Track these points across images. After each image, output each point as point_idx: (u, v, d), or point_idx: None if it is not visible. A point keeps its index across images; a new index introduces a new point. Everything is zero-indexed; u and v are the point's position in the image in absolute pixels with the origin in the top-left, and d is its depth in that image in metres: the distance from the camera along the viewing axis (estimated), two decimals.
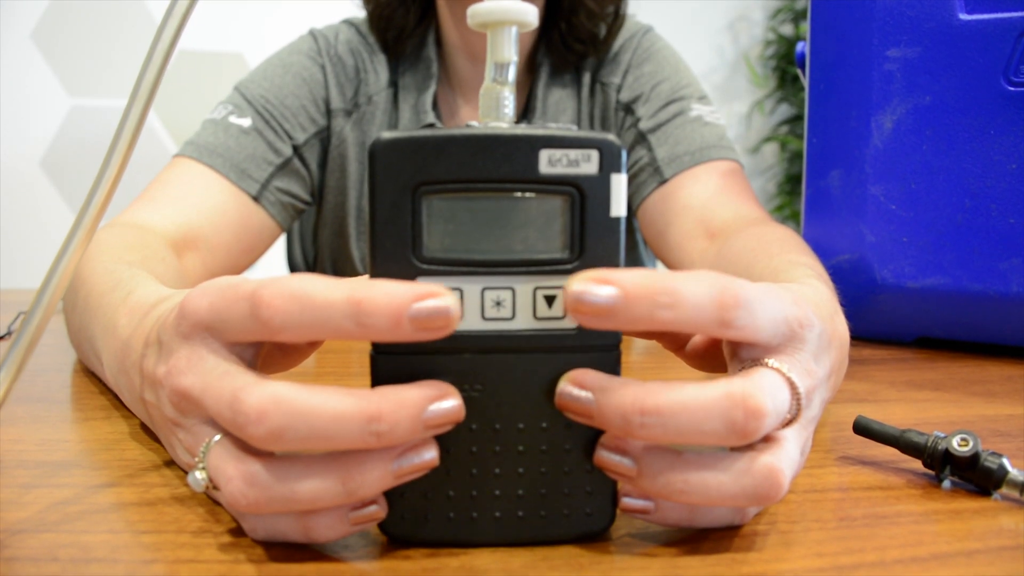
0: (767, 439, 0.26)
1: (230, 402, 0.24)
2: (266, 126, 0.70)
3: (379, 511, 0.25)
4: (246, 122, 0.69)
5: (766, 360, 0.27)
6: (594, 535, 0.27)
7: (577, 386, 0.25)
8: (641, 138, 0.74)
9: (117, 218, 0.60)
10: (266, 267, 1.26)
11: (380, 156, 0.24)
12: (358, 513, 0.25)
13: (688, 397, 0.24)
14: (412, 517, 0.26)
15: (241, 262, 0.69)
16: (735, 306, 0.24)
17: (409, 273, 0.25)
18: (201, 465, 0.26)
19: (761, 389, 0.25)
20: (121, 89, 1.75)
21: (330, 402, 0.23)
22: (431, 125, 0.73)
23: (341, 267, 0.83)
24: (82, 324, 0.44)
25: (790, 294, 0.28)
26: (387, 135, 0.24)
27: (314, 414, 0.23)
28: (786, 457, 0.26)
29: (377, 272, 0.25)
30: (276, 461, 0.24)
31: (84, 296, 0.43)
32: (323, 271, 0.85)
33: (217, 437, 0.26)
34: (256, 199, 0.68)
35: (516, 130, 0.25)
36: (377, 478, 0.24)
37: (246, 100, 0.71)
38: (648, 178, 0.72)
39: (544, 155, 0.24)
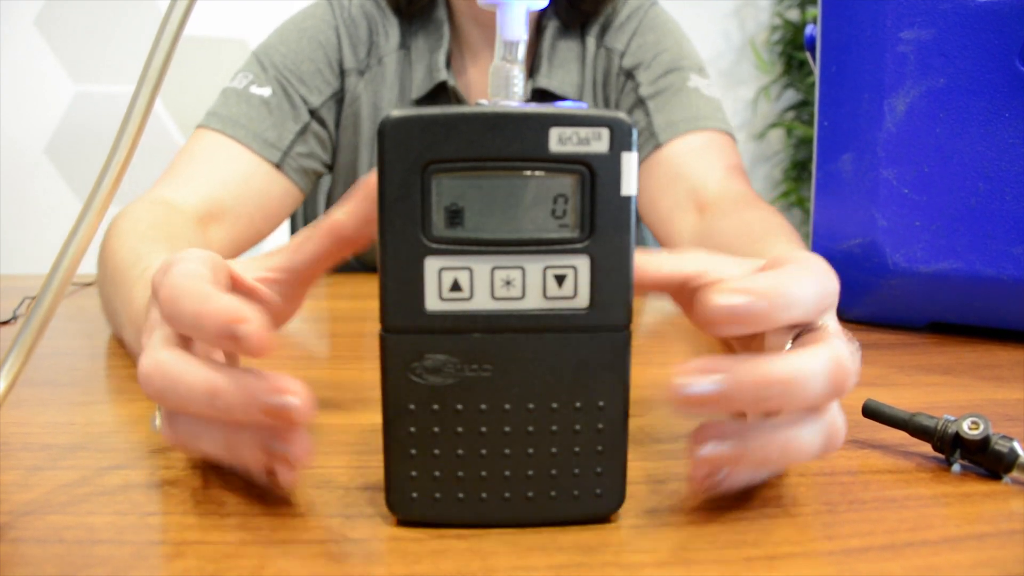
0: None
1: (140, 366, 0.27)
2: (284, 94, 0.72)
3: (296, 456, 0.26)
4: (267, 92, 0.72)
5: (820, 323, 0.28)
6: (604, 516, 0.27)
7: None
8: (639, 103, 0.76)
9: (146, 194, 0.63)
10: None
11: (389, 134, 0.24)
12: (276, 447, 0.26)
13: (795, 365, 0.25)
14: (421, 498, 0.26)
15: (263, 229, 0.72)
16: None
17: (417, 254, 0.25)
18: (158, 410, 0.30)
19: (845, 351, 0.26)
20: (125, 75, 1.74)
21: (190, 374, 0.25)
22: (444, 83, 0.75)
23: None
24: (108, 298, 0.48)
25: (823, 265, 0.30)
26: (396, 113, 0.24)
27: (179, 382, 0.25)
28: (840, 412, 0.28)
29: (386, 252, 0.25)
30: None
31: (111, 271, 0.47)
32: None
33: None
34: (278, 166, 0.71)
35: (526, 108, 0.24)
36: (249, 450, 0.26)
37: (264, 68, 0.73)
38: (643, 142, 0.74)
39: (554, 133, 0.24)
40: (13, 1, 1.68)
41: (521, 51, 0.27)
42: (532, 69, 0.78)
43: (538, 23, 0.78)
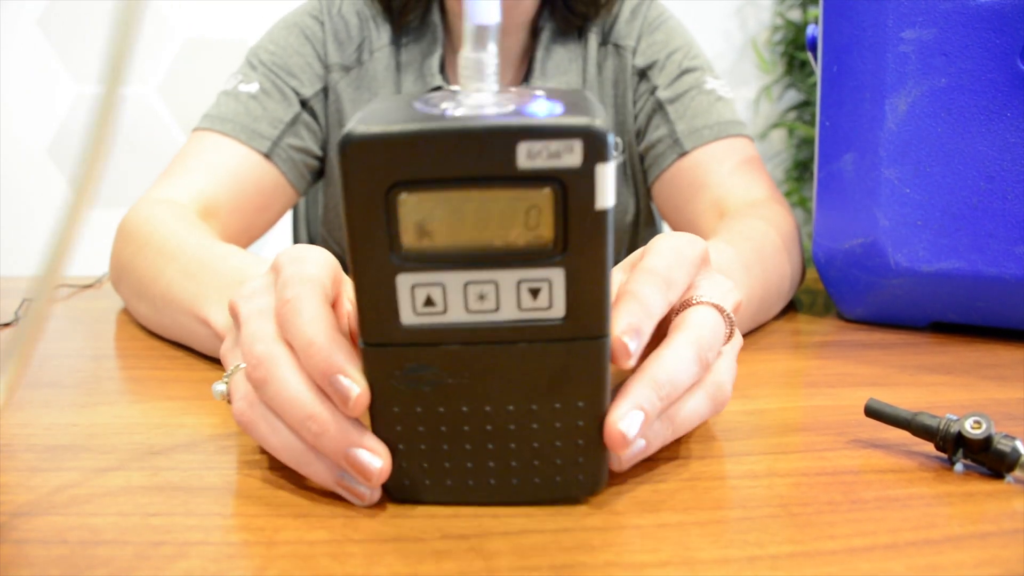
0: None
1: (248, 341, 0.29)
2: (273, 87, 0.73)
3: (366, 495, 0.27)
4: (254, 87, 0.72)
5: (693, 296, 0.31)
6: (584, 497, 0.28)
7: None
8: (659, 107, 0.76)
9: (145, 196, 0.63)
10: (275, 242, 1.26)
11: (351, 154, 0.23)
12: (346, 483, 0.27)
13: (667, 368, 0.29)
14: (412, 484, 0.27)
15: (257, 223, 0.71)
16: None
17: (388, 272, 0.24)
18: (225, 380, 0.32)
19: (708, 332, 0.30)
20: (128, 75, 1.74)
21: (296, 386, 0.27)
22: (438, 88, 0.75)
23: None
24: (154, 273, 0.51)
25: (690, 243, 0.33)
26: (359, 131, 0.23)
27: (284, 386, 0.27)
28: (728, 370, 0.32)
29: (357, 271, 0.24)
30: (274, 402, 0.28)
31: (159, 246, 0.52)
32: (326, 243, 0.86)
33: (243, 364, 0.29)
34: (268, 156, 0.70)
35: (493, 122, 0.23)
36: (322, 477, 0.28)
37: (252, 66, 0.74)
38: (667, 150, 0.75)
39: (523, 148, 0.23)
40: (16, 1, 1.69)
41: (492, 36, 0.25)
42: (527, 75, 0.78)
43: (534, 26, 0.78)
